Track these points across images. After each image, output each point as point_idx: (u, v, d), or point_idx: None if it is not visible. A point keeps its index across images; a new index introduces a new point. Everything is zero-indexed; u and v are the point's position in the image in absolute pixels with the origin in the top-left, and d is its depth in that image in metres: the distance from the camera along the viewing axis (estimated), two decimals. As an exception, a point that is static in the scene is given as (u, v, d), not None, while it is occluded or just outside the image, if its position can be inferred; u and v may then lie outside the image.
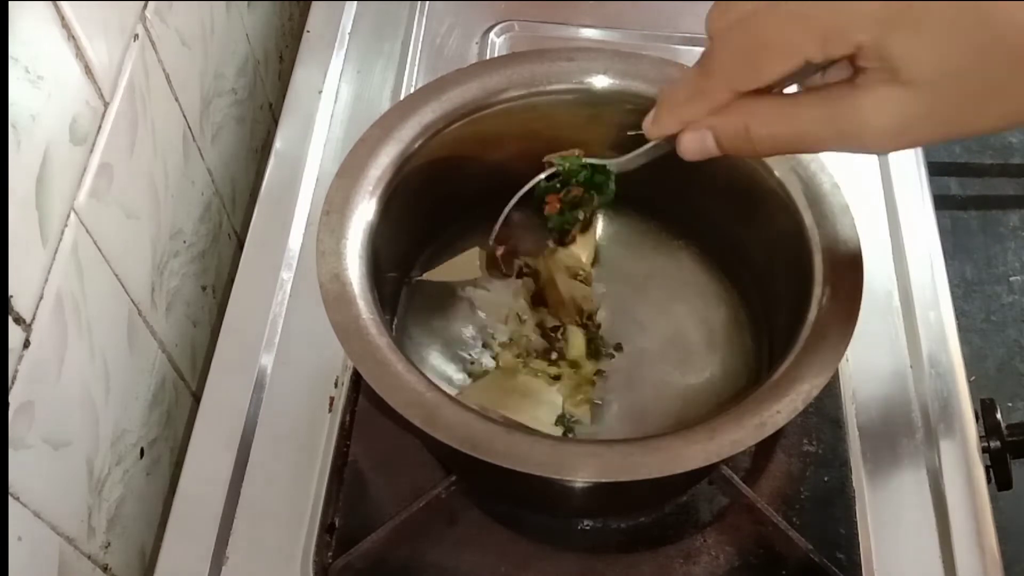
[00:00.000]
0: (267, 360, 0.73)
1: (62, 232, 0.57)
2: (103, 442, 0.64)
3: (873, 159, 0.85)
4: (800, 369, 0.58)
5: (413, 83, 0.90)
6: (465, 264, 0.75)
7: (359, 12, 0.95)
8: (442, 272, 0.75)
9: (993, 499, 0.68)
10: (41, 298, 0.55)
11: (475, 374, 0.71)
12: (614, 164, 0.63)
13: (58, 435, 0.58)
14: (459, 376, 0.71)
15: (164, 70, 0.71)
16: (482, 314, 0.74)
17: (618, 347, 0.72)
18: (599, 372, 0.71)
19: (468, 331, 0.73)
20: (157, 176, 0.71)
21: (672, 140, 0.53)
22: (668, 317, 0.74)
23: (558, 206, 0.66)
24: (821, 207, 0.65)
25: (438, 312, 0.75)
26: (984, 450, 0.70)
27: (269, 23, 0.98)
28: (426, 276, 0.75)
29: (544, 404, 0.69)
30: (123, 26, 0.65)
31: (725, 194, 0.73)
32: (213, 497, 0.67)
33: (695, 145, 0.51)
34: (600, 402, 0.70)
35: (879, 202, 0.83)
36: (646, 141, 0.56)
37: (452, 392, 0.66)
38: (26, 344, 0.53)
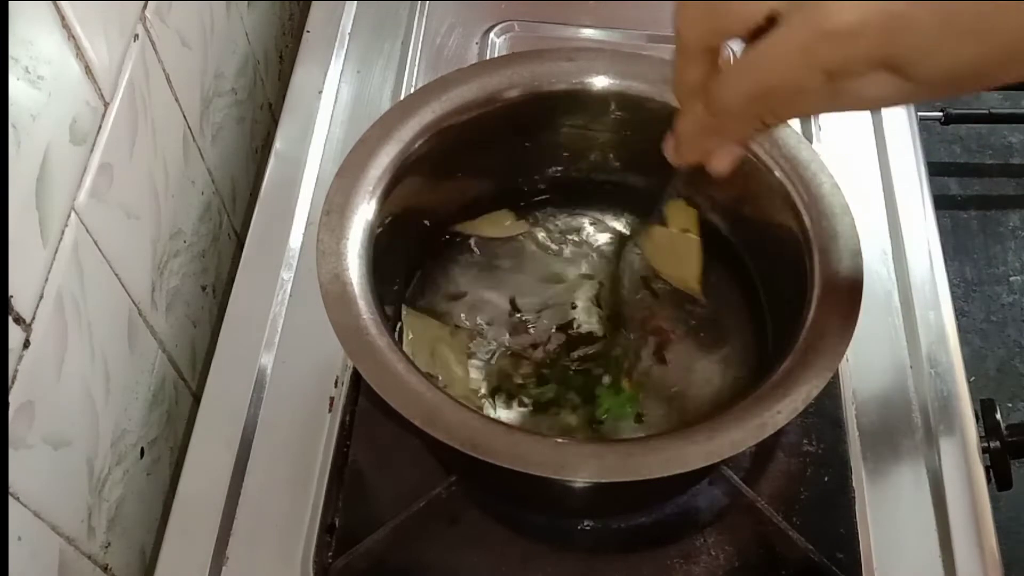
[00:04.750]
0: (267, 360, 0.73)
1: (62, 232, 0.57)
2: (103, 442, 0.64)
3: (873, 159, 0.85)
4: (800, 369, 0.58)
5: (413, 83, 0.90)
6: (496, 221, 0.77)
7: (359, 12, 0.95)
8: (475, 226, 0.77)
9: (993, 499, 0.68)
10: (41, 298, 0.55)
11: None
12: None
13: (58, 435, 0.57)
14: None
15: (164, 70, 0.71)
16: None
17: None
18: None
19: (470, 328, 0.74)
20: (157, 176, 0.71)
21: None
22: (668, 317, 0.74)
23: None
24: (821, 207, 0.65)
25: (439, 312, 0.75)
26: (984, 450, 0.70)
27: (269, 23, 0.98)
28: (459, 228, 0.76)
29: None
30: (123, 26, 0.65)
31: (725, 194, 0.73)
32: (213, 497, 0.67)
33: (727, 161, 0.52)
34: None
35: (879, 202, 0.83)
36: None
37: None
38: (26, 344, 0.53)
